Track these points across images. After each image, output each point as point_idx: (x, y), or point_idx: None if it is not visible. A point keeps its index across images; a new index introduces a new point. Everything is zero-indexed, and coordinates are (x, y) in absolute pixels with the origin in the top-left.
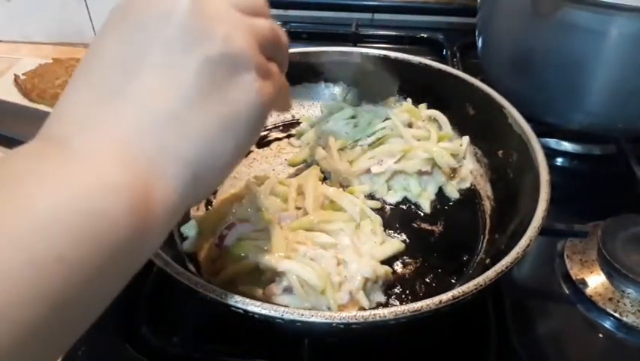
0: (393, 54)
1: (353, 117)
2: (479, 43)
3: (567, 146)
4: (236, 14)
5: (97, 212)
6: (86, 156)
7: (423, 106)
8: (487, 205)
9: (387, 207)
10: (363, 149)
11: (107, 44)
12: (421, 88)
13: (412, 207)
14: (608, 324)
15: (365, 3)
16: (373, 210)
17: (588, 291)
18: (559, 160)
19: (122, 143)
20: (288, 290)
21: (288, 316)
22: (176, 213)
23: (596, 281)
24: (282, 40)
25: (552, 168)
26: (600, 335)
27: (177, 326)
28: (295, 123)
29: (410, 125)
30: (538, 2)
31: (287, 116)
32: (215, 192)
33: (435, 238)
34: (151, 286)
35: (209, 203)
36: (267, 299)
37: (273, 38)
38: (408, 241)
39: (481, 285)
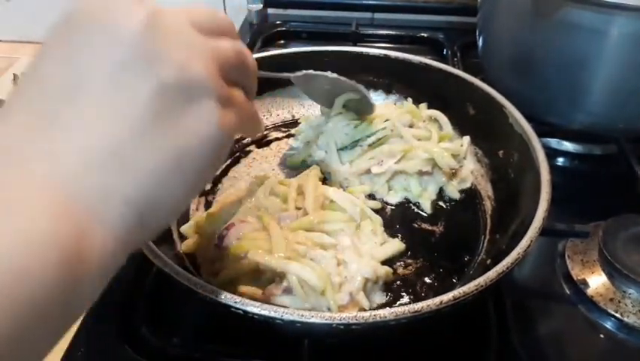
0: (393, 54)
1: (353, 118)
2: (480, 43)
3: (568, 146)
4: (196, 35)
5: (17, 271)
6: (8, 201)
7: (423, 106)
8: (488, 205)
9: (388, 207)
10: (363, 149)
11: (46, 64)
12: (421, 88)
13: (413, 207)
14: (609, 325)
15: (365, 2)
16: (373, 210)
17: (589, 291)
18: (560, 160)
19: (53, 185)
20: (287, 291)
21: (287, 317)
22: (117, 258)
23: (597, 282)
24: (248, 63)
25: (553, 168)
26: (601, 336)
27: (177, 326)
28: (295, 123)
29: (411, 126)
30: (539, 2)
31: (287, 116)
32: (215, 193)
33: (436, 238)
34: (150, 287)
35: (208, 203)
36: (266, 300)
37: (237, 62)
38: (409, 241)
39: (482, 285)
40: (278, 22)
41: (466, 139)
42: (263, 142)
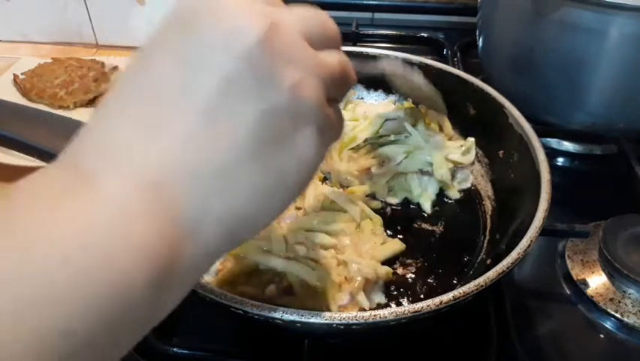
0: (393, 54)
1: (354, 119)
2: (480, 43)
3: (568, 146)
4: (308, 52)
5: (117, 275)
6: (113, 204)
7: (423, 106)
8: (488, 205)
9: (388, 207)
10: (367, 149)
11: (159, 60)
12: None
13: (413, 207)
14: (609, 325)
15: (365, 2)
16: (373, 210)
17: (589, 291)
18: (560, 160)
19: (158, 196)
20: (288, 291)
21: (287, 317)
22: (201, 271)
23: (597, 282)
24: (350, 77)
25: (553, 168)
26: (601, 336)
27: (177, 326)
28: None
29: (413, 126)
30: (539, 2)
31: None
32: None
33: (436, 238)
34: None
35: None
36: (266, 300)
37: (342, 77)
38: (409, 241)
39: (482, 285)
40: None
41: (472, 143)
42: None
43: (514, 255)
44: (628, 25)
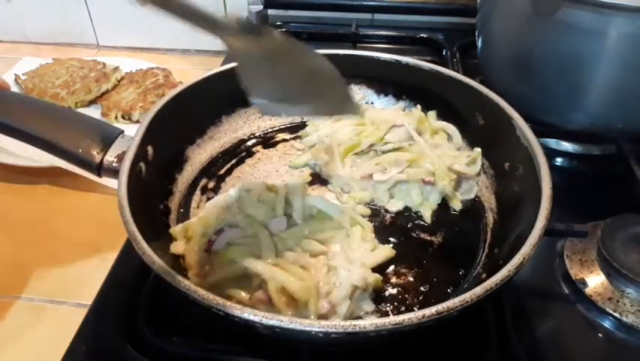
0: (404, 59)
1: (361, 124)
2: (479, 44)
3: (567, 146)
4: None
5: None
6: None
7: (432, 113)
8: (490, 218)
9: (388, 215)
10: (371, 154)
11: None
12: (431, 95)
13: (413, 216)
14: (607, 324)
15: (365, 3)
16: (363, 216)
17: (588, 291)
18: (558, 160)
19: None
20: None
21: (267, 321)
22: None
23: (595, 281)
24: None
25: (552, 168)
26: (600, 335)
27: (177, 326)
28: (302, 125)
29: (419, 133)
30: (538, 2)
31: (295, 118)
32: (217, 191)
33: (433, 248)
34: (151, 287)
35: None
36: (252, 305)
37: None
38: (405, 250)
39: (467, 302)
40: (278, 23)
41: (478, 152)
42: (269, 143)
43: (504, 272)
44: (627, 26)
